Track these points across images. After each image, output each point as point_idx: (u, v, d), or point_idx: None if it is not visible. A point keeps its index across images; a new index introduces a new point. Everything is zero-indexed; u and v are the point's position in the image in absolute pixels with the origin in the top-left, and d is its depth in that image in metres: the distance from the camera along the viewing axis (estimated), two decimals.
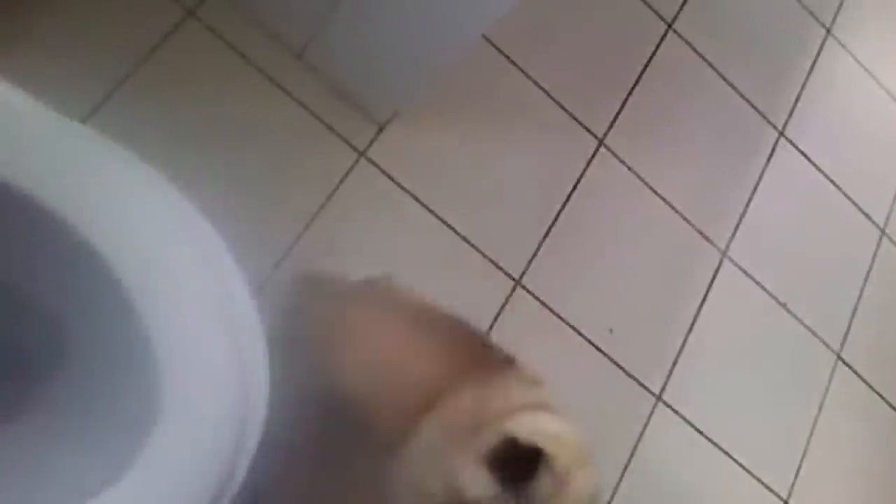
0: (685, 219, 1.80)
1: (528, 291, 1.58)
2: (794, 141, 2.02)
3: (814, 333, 1.89)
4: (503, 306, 1.55)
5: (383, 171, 1.50)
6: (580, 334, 1.61)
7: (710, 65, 1.96)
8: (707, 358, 1.74)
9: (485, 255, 1.56)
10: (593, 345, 1.62)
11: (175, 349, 0.75)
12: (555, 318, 1.60)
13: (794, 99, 2.06)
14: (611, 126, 1.77)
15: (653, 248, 1.75)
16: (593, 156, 1.73)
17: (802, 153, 2.03)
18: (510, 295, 1.57)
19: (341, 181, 1.46)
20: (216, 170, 1.31)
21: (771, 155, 1.98)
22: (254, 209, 1.32)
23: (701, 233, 1.81)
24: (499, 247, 1.58)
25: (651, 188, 1.78)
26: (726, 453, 1.72)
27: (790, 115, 2.04)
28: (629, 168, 1.76)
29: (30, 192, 0.73)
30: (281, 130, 1.44)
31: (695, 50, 1.95)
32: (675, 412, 1.68)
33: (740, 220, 1.88)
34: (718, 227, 1.84)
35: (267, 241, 1.35)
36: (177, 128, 1.32)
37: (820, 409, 1.84)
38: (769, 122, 2.01)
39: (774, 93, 2.04)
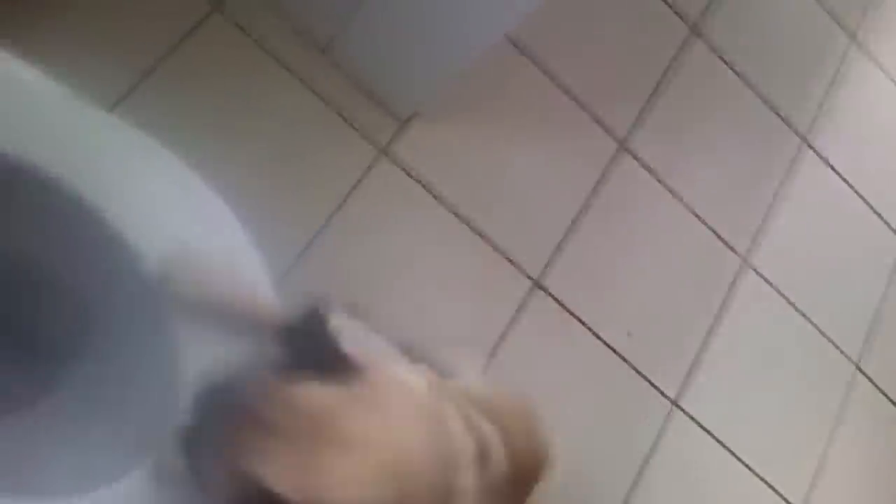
0: (706, 224, 1.79)
1: (547, 292, 1.58)
2: (817, 149, 2.01)
3: (833, 343, 1.87)
4: (521, 307, 1.55)
5: (404, 169, 1.50)
6: (598, 337, 1.61)
7: (733, 69, 1.95)
8: (725, 364, 1.73)
9: (504, 255, 1.56)
10: (610, 347, 1.61)
11: (199, 339, 0.75)
12: (573, 319, 1.59)
13: (817, 106, 2.05)
14: (632, 128, 1.77)
15: (673, 252, 1.74)
16: (614, 158, 1.73)
17: (825, 161, 2.01)
18: (528, 295, 1.57)
19: (362, 177, 1.46)
20: (238, 163, 1.31)
21: (794, 162, 1.97)
22: (275, 202, 1.32)
23: (721, 239, 1.80)
24: (518, 247, 1.57)
25: (672, 192, 1.77)
26: (741, 461, 1.71)
27: (813, 122, 2.03)
28: (650, 171, 1.76)
29: (59, 177, 0.73)
30: (303, 125, 1.44)
31: (718, 55, 1.94)
32: (691, 418, 1.67)
33: (762, 226, 1.87)
34: (740, 234, 1.83)
35: (288, 234, 1.35)
36: (200, 120, 1.32)
37: (838, 419, 1.83)
38: (792, 128, 1.99)
39: (798, 99, 2.03)
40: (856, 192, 2.03)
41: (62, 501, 0.76)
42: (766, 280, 1.83)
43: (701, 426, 1.68)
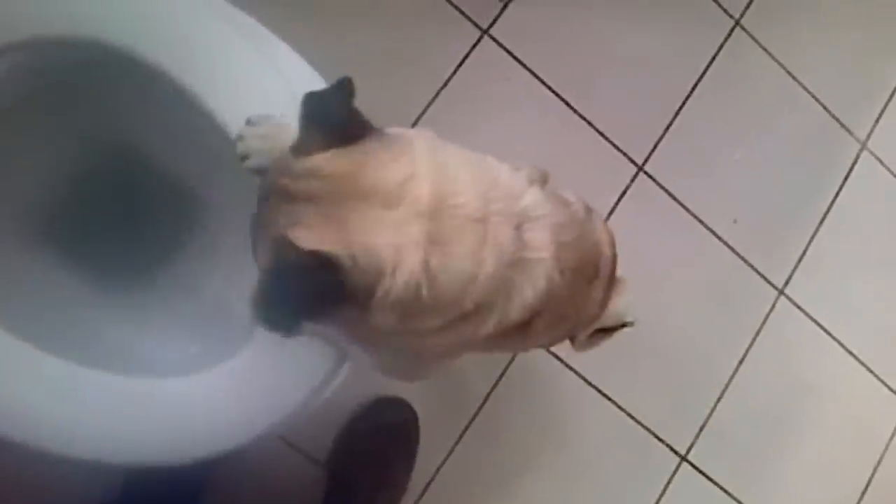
0: (823, 106, 1.69)
1: (651, 178, 1.55)
2: None
3: None
4: (624, 192, 1.53)
5: (506, 50, 1.47)
6: (702, 223, 1.57)
7: None
8: (835, 255, 1.67)
9: (608, 139, 1.53)
10: (715, 234, 1.58)
11: None
12: (677, 205, 1.56)
13: None
14: (748, 6, 1.67)
15: (787, 136, 1.66)
16: (728, 37, 1.64)
17: None
18: (632, 181, 1.54)
19: (465, 58, 1.45)
20: (340, 46, 1.31)
21: None
22: (378, 86, 1.32)
23: (839, 121, 1.71)
24: (623, 131, 1.54)
25: (791, 75, 1.67)
26: (848, 351, 1.67)
27: None
28: (765, 50, 1.66)
29: (161, 65, 0.75)
30: (405, 6, 1.42)
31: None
32: (798, 307, 1.64)
33: (884, 108, 1.75)
34: (860, 116, 1.73)
35: (391, 115, 1.36)
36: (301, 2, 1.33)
37: None
38: None
39: None
40: None
41: (176, 379, 0.80)
42: (884, 165, 1.73)
43: (807, 315, 1.65)
